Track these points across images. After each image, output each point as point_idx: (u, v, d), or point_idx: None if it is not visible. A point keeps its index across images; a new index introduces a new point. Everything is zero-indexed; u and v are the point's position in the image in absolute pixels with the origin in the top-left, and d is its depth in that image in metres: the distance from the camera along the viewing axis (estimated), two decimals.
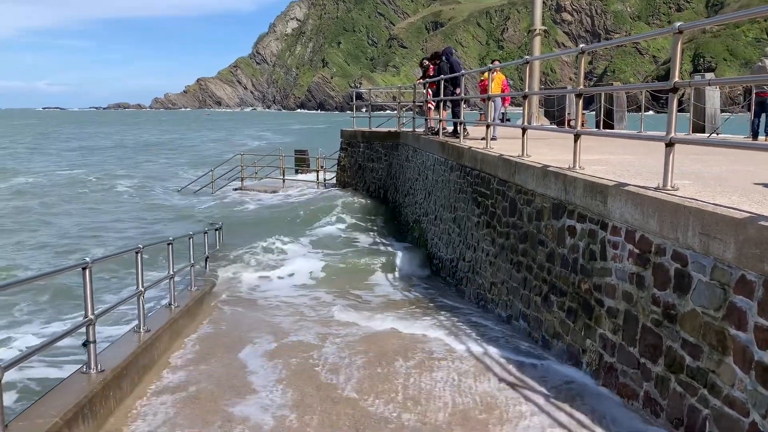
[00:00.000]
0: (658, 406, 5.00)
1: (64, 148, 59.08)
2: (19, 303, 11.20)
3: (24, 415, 4.27)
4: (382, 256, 13.75)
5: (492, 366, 6.57)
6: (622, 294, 5.65)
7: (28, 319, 10.56)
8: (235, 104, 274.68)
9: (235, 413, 5.36)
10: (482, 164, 9.97)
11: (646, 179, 6.01)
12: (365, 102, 23.97)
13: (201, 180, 30.20)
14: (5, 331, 9.67)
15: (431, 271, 13.21)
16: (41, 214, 22.41)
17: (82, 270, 5.24)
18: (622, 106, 21.15)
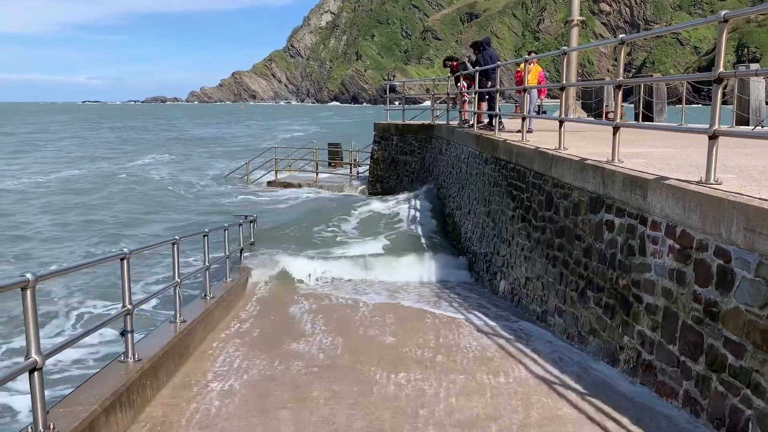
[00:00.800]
0: (699, 405, 4.87)
1: (116, 140, 60.29)
2: (59, 292, 11.49)
3: (64, 402, 4.36)
4: (414, 249, 13.70)
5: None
6: (662, 290, 5.51)
7: (68, 308, 10.82)
8: (270, 98, 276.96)
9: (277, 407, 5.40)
10: (518, 157, 9.85)
11: (688, 173, 5.85)
12: (399, 95, 23.91)
13: (236, 172, 30.56)
14: (46, 320, 9.92)
15: (464, 266, 13.12)
16: (84, 205, 22.96)
17: (120, 260, 5.33)
18: (662, 98, 20.66)
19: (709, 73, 5.11)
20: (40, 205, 22.68)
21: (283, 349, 7.22)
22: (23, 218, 20.19)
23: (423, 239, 14.42)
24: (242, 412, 5.16)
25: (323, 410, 5.16)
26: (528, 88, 11.06)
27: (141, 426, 4.87)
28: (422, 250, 13.43)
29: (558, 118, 8.77)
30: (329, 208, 18.88)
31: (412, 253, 13.10)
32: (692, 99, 22.33)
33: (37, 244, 16.74)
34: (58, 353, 4.20)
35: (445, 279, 12.15)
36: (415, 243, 14.11)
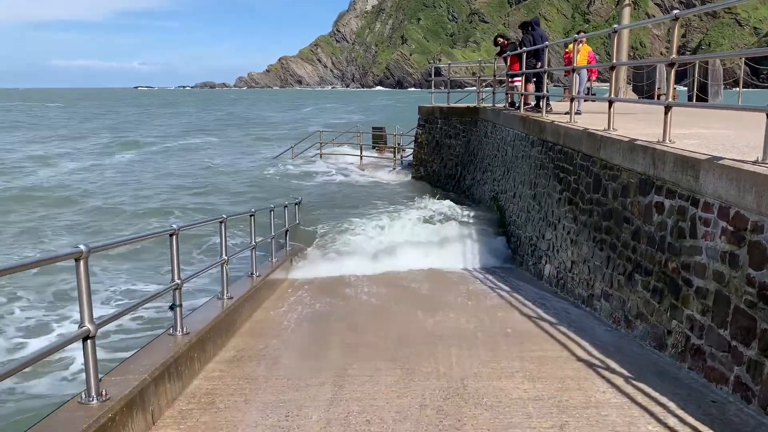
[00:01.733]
0: (750, 391, 4.73)
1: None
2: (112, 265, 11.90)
3: (116, 371, 4.51)
4: (459, 232, 13.63)
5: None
6: (713, 273, 5.36)
7: (120, 285, 11.19)
8: (315, 83, 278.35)
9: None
10: (565, 139, 9.67)
11: (743, 153, 5.65)
12: (444, 78, 23.71)
13: (282, 156, 30.91)
14: (98, 291, 10.26)
15: (509, 249, 13.00)
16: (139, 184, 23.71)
17: (169, 236, 5.46)
18: (718, 80, 19.93)
19: None
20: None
21: (331, 326, 7.34)
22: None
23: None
24: (285, 388, 5.26)
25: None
26: (577, 68, 10.81)
27: (188, 397, 5.01)
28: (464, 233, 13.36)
29: (608, 99, 8.56)
30: (370, 192, 18.94)
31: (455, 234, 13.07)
32: (750, 81, 21.37)
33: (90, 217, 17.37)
34: (111, 323, 4.34)
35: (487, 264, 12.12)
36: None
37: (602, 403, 4.85)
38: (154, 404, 4.53)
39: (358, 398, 4.96)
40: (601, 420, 4.53)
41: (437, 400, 4.92)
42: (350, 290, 9.79)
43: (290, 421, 4.55)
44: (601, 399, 4.94)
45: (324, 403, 4.88)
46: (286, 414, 4.67)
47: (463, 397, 4.98)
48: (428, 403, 4.85)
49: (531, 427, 4.42)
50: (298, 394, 5.07)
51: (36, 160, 31.69)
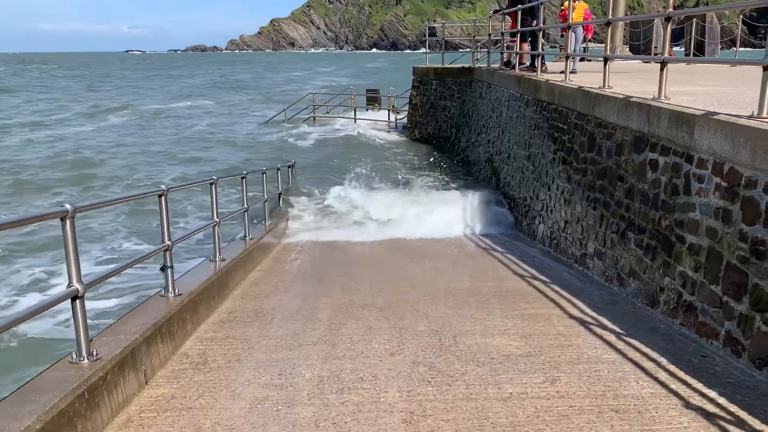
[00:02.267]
0: (740, 345, 4.76)
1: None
2: (100, 226, 11.85)
3: (106, 332, 4.49)
4: (452, 194, 13.61)
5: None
6: (706, 230, 5.34)
7: (109, 240, 11.15)
8: (308, 45, 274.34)
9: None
10: (560, 98, 9.56)
11: (739, 108, 5.58)
12: (439, 38, 23.38)
13: (275, 119, 30.64)
14: (86, 252, 10.23)
15: (505, 210, 12.97)
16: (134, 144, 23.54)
17: (158, 197, 5.40)
18: (715, 38, 19.70)
19: None
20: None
21: (324, 281, 7.34)
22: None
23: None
24: (279, 347, 5.27)
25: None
26: (572, 26, 10.64)
27: (181, 357, 5.01)
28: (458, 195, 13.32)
29: (603, 56, 8.43)
30: (361, 153, 18.84)
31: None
32: (747, 40, 21.02)
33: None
34: (100, 283, 4.31)
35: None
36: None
37: (594, 359, 4.88)
38: (146, 364, 4.52)
39: (351, 357, 4.98)
40: (592, 375, 4.56)
41: (430, 357, 4.93)
42: (345, 254, 9.79)
43: (283, 379, 4.56)
44: (592, 355, 4.97)
45: (317, 361, 4.89)
46: (279, 372, 4.68)
47: (456, 354, 5.00)
48: (421, 360, 4.87)
49: (522, 382, 4.44)
50: (291, 353, 5.08)
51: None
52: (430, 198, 13.25)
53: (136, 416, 3.99)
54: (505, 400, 4.15)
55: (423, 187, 14.12)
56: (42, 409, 3.26)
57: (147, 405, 4.15)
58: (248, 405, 4.14)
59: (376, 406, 4.09)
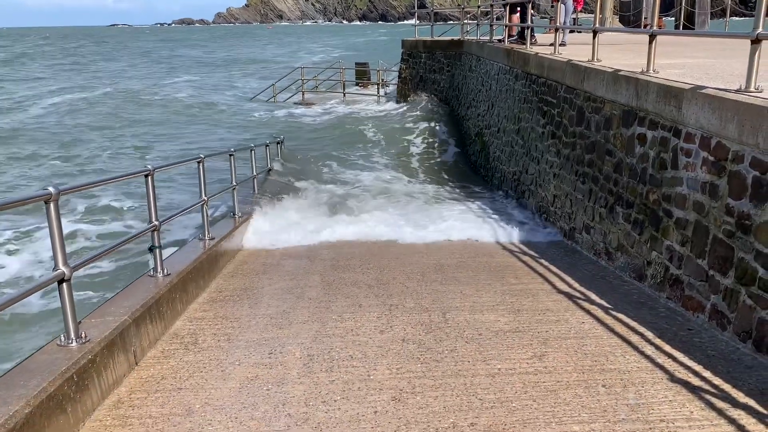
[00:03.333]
0: (725, 318, 4.82)
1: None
2: (84, 206, 11.76)
3: (95, 314, 4.48)
4: (440, 165, 13.58)
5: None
6: (693, 204, 5.36)
7: (97, 222, 11.08)
8: (297, 17, 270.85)
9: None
10: (549, 71, 9.51)
11: (727, 82, 5.57)
12: (428, 10, 23.11)
13: (263, 94, 30.33)
14: (73, 233, 10.16)
15: (492, 183, 12.98)
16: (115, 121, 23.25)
17: (144, 177, 5.34)
18: (705, 8, 19.56)
19: None
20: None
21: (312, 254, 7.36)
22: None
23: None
24: (269, 326, 5.28)
25: None
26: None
27: (171, 337, 5.02)
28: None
29: (592, 28, 8.37)
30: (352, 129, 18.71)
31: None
32: (738, 10, 20.96)
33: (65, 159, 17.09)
34: (86, 266, 4.28)
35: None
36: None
37: (581, 334, 4.93)
38: (136, 345, 4.53)
39: (340, 335, 5.00)
40: (579, 350, 4.61)
41: (419, 334, 4.96)
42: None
43: (273, 358, 4.58)
44: (580, 330, 5.02)
45: (307, 340, 4.91)
46: (269, 352, 4.70)
47: (445, 331, 5.03)
48: (410, 338, 4.90)
49: (511, 358, 4.49)
50: (282, 332, 5.10)
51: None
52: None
53: (126, 397, 4.00)
54: (493, 376, 4.19)
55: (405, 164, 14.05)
56: (31, 393, 3.26)
57: (137, 386, 4.16)
58: (238, 385, 4.16)
59: (366, 384, 4.12)
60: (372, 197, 11.73)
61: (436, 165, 14.97)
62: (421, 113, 19.19)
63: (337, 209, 10.75)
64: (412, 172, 13.52)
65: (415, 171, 13.56)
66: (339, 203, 11.39)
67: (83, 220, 11.38)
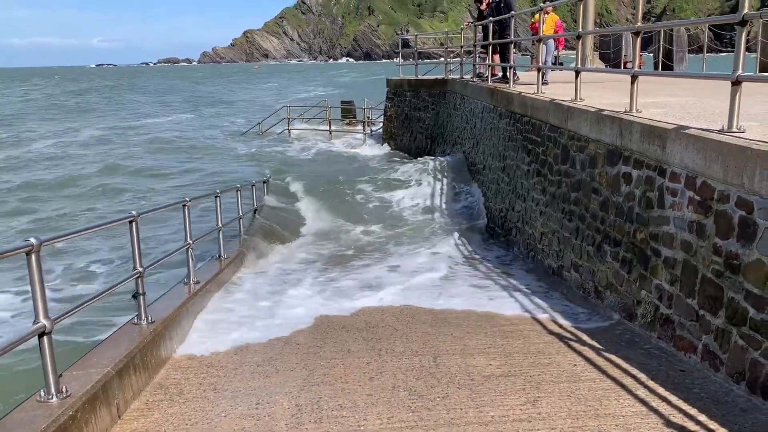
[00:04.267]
0: (718, 359, 4.78)
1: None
2: (68, 255, 11.56)
3: (77, 366, 4.36)
4: (428, 209, 13.59)
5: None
6: (681, 243, 5.37)
7: (79, 271, 10.88)
8: (282, 56, 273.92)
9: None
10: (532, 110, 9.61)
11: (710, 122, 5.64)
12: (412, 49, 23.44)
13: (249, 133, 30.43)
14: (55, 283, 9.96)
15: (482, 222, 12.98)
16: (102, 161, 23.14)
17: (129, 223, 5.28)
18: (683, 46, 20.02)
19: (733, 15, 4.86)
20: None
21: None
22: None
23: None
24: (255, 374, 5.17)
25: None
26: (543, 38, 10.72)
27: (155, 387, 4.89)
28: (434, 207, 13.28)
29: (574, 68, 8.49)
30: (340, 168, 18.73)
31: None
32: (714, 46, 21.51)
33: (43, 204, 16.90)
34: (68, 317, 4.18)
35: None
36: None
37: (574, 377, 4.86)
38: (119, 398, 4.40)
39: (329, 382, 4.89)
40: (573, 394, 4.54)
41: (410, 380, 4.87)
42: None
43: (260, 409, 4.46)
44: (572, 373, 4.96)
45: (295, 388, 4.80)
46: (256, 402, 4.58)
47: (436, 376, 4.95)
48: (400, 384, 4.80)
49: (503, 404, 4.41)
50: (269, 380, 4.99)
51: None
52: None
53: None
54: (486, 425, 4.11)
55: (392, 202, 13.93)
56: None
57: None
58: None
59: None
60: (358, 247, 11.42)
61: (423, 203, 14.95)
62: (405, 154, 19.31)
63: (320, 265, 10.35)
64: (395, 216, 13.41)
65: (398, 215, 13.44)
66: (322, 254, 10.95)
67: (65, 266, 11.20)
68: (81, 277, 10.60)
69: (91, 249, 12.08)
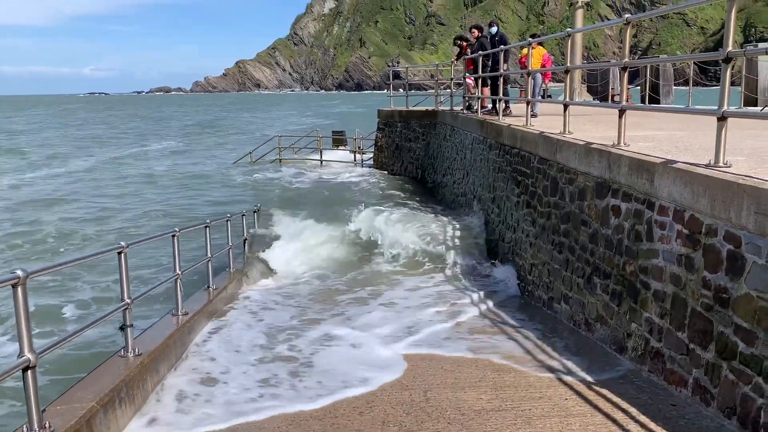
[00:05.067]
0: (709, 393, 4.76)
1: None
2: (56, 287, 11.42)
3: (61, 400, 4.29)
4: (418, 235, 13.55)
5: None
6: (670, 276, 5.39)
7: (66, 303, 10.73)
8: (274, 86, 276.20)
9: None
10: (522, 142, 9.70)
11: (696, 156, 5.71)
12: (402, 81, 23.68)
13: (241, 162, 30.45)
14: (42, 316, 9.80)
15: None
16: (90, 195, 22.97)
17: (117, 254, 5.24)
18: (669, 79, 20.35)
19: (717, 52, 4.95)
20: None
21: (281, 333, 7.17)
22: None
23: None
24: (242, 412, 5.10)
25: None
26: (531, 72, 10.88)
27: (142, 421, 4.80)
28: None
29: (563, 102, 8.61)
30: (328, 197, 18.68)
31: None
32: (699, 80, 22.00)
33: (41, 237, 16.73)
34: (53, 351, 4.12)
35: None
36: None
37: (565, 411, 4.83)
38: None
39: (318, 417, 4.83)
40: (564, 429, 4.50)
41: (399, 416, 4.81)
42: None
43: None
44: (564, 407, 4.92)
45: (284, 423, 4.73)
46: None
47: (426, 411, 4.89)
48: (390, 419, 4.75)
49: None
50: (256, 416, 4.91)
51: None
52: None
53: None
54: None
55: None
56: None
57: None
58: None
59: None
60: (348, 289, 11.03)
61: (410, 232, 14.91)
62: (396, 182, 19.35)
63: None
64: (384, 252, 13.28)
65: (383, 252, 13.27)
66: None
67: (53, 296, 11.06)
68: (67, 308, 10.46)
69: (78, 279, 11.95)
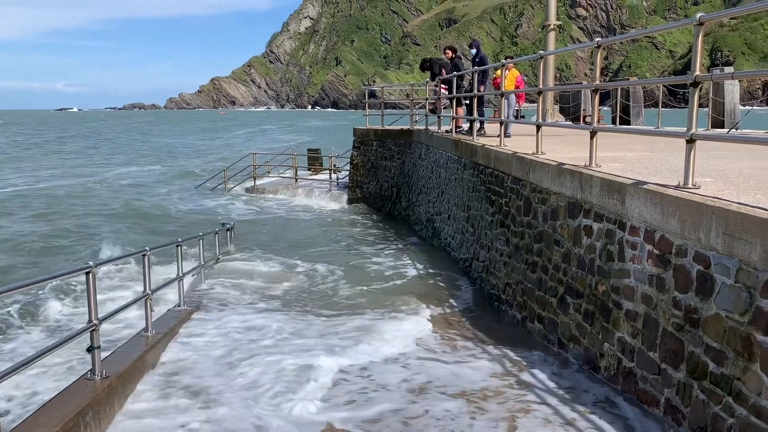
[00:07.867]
0: (680, 413, 4.79)
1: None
2: (18, 308, 11.10)
3: (22, 426, 4.16)
4: (392, 257, 13.56)
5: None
6: (642, 296, 5.44)
7: (30, 324, 10.43)
8: (249, 103, 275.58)
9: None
10: (496, 162, 9.77)
11: (666, 177, 5.80)
12: (378, 100, 23.80)
13: (213, 180, 30.15)
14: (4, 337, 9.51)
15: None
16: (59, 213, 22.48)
17: (85, 274, 5.13)
18: (639, 101, 20.78)
19: (685, 76, 5.06)
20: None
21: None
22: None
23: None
24: None
25: None
26: (505, 93, 11.00)
27: None
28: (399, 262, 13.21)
29: (535, 123, 8.71)
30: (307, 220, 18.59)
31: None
32: (668, 102, 22.54)
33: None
34: (13, 375, 3.99)
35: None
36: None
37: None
38: None
39: None
40: None
41: None
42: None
43: None
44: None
45: None
46: None
47: None
48: None
49: None
50: None
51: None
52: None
53: None
54: None
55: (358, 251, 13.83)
56: None
57: None
58: None
59: None
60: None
61: (388, 251, 14.92)
62: (372, 209, 19.30)
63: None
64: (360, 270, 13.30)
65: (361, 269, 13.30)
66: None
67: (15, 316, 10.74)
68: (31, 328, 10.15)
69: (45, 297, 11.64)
